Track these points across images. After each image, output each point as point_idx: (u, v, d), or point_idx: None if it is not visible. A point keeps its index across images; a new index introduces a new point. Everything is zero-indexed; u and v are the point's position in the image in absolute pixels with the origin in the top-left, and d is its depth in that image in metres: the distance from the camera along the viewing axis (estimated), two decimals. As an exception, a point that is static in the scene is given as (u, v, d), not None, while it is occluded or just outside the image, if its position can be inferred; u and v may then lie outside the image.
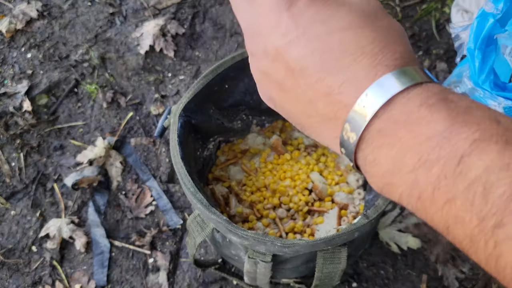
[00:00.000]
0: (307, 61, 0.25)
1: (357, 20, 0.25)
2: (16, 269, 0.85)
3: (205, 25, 1.07)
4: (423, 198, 0.22)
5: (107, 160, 0.93)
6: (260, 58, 0.28)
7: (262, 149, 0.82)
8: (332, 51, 0.25)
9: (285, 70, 0.27)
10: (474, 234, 0.21)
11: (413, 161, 0.22)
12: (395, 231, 0.82)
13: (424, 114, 0.22)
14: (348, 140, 0.25)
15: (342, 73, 0.24)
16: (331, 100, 0.25)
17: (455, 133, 0.21)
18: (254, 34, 0.28)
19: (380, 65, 0.24)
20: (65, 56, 1.06)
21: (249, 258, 0.59)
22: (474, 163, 0.21)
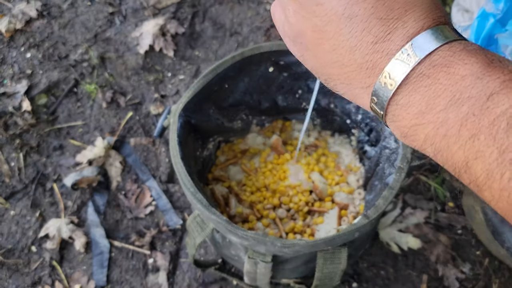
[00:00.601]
0: (357, 8, 0.26)
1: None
2: (16, 269, 0.85)
3: (205, 24, 1.07)
4: (449, 135, 0.24)
5: (106, 160, 0.93)
6: (305, 1, 0.28)
7: (262, 149, 0.82)
8: (385, 1, 0.25)
9: (330, 16, 0.26)
10: (492, 168, 0.22)
11: (446, 100, 0.24)
12: (395, 231, 0.82)
13: (462, 57, 0.24)
14: (386, 86, 0.25)
15: (392, 22, 0.25)
16: (375, 48, 0.26)
17: (488, 74, 0.23)
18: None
19: (429, 18, 0.25)
20: (65, 55, 1.06)
21: (249, 258, 0.59)
22: (501, 100, 0.22)
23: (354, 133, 0.79)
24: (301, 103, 0.79)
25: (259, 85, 0.75)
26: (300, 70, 0.72)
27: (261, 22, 1.06)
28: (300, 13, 0.28)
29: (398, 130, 0.27)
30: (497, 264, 0.80)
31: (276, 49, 0.68)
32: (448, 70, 0.24)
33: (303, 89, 0.77)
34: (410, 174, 0.88)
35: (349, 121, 0.77)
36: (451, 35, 0.25)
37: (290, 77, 0.74)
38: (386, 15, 0.25)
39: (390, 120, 0.27)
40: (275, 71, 0.73)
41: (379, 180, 0.66)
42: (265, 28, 1.05)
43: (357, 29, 0.26)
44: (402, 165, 0.59)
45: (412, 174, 0.88)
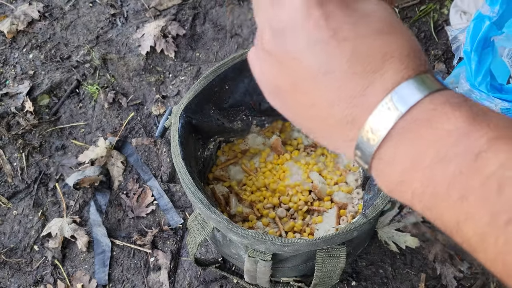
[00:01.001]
0: (333, 64, 0.25)
1: (385, 26, 0.25)
2: (18, 268, 0.86)
3: (206, 26, 1.08)
4: (437, 195, 0.23)
5: (108, 160, 0.93)
6: (276, 56, 0.27)
7: (262, 149, 0.82)
8: (362, 55, 0.24)
9: (306, 73, 0.26)
10: (485, 231, 0.21)
11: (431, 156, 0.23)
12: (393, 230, 0.82)
13: (446, 111, 0.23)
14: (368, 141, 0.25)
15: (368, 76, 0.24)
16: (354, 103, 0.25)
17: (475, 130, 0.22)
18: (276, 32, 0.26)
19: (407, 68, 0.24)
20: (67, 56, 1.06)
21: (249, 257, 0.59)
22: (490, 159, 0.21)
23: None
24: (301, 104, 0.80)
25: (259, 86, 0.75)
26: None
27: (261, 23, 1.07)
28: (277, 68, 0.27)
29: (384, 186, 0.26)
30: (494, 263, 0.81)
31: (276, 50, 0.69)
32: (431, 125, 0.23)
33: (302, 90, 0.77)
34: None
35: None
36: (433, 85, 0.24)
37: (289, 78, 0.75)
38: (363, 69, 0.24)
39: (376, 175, 0.26)
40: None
41: (378, 180, 0.67)
42: (265, 30, 1.05)
43: (334, 84, 0.25)
44: (400, 165, 0.60)
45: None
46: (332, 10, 0.25)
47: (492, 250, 0.21)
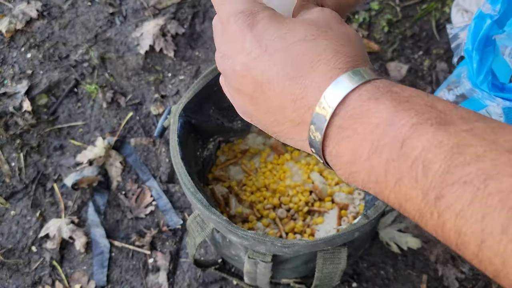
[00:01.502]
0: (271, 73, 0.28)
1: (311, 32, 0.29)
2: (16, 269, 0.85)
3: (205, 25, 1.07)
4: (379, 181, 0.25)
5: (107, 160, 0.93)
6: (231, 76, 0.31)
7: (262, 149, 0.82)
8: (292, 61, 0.28)
9: (254, 84, 0.30)
10: (421, 208, 0.24)
11: (367, 149, 0.25)
12: (395, 231, 0.82)
13: (371, 106, 0.25)
14: (315, 139, 0.28)
15: (302, 79, 0.28)
16: (297, 105, 0.28)
17: (397, 119, 0.24)
18: (224, 56, 0.31)
19: (334, 68, 0.27)
20: (65, 56, 1.06)
21: (249, 258, 0.59)
22: (414, 144, 0.23)
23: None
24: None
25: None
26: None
27: (261, 22, 1.06)
28: (233, 87, 0.31)
29: (341, 176, 0.29)
30: (496, 264, 0.81)
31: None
32: (362, 120, 0.26)
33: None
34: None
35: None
36: (361, 78, 0.26)
37: (290, 78, 0.75)
38: (296, 74, 0.28)
39: (332, 167, 0.29)
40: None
41: (379, 180, 0.66)
42: (265, 29, 1.05)
43: (277, 90, 0.28)
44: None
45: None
46: (262, 29, 0.29)
47: (430, 223, 0.24)
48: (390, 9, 1.05)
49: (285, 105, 0.29)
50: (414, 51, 1.01)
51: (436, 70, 0.99)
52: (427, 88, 0.96)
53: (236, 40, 0.30)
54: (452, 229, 0.22)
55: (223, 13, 0.31)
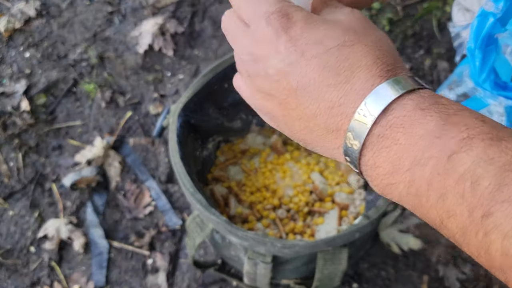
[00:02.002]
0: (308, 79, 0.27)
1: (350, 37, 0.28)
2: (15, 269, 0.85)
3: (205, 23, 1.07)
4: (419, 195, 0.24)
5: (105, 160, 0.92)
6: (261, 80, 0.30)
7: (262, 149, 0.82)
8: (331, 68, 0.27)
9: (287, 90, 0.29)
10: (466, 226, 0.23)
11: (409, 160, 0.24)
12: (396, 231, 0.82)
13: (417, 117, 0.25)
14: (352, 147, 0.27)
15: (341, 86, 0.27)
16: (333, 112, 0.27)
17: (446, 132, 0.23)
18: (255, 59, 0.30)
19: (375, 76, 0.26)
20: (64, 55, 1.05)
21: (249, 259, 0.59)
22: (462, 159, 0.23)
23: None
24: (301, 102, 0.79)
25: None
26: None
27: (261, 21, 1.06)
28: (262, 90, 0.30)
29: (375, 188, 0.28)
30: (498, 265, 0.80)
31: (276, 48, 0.68)
32: (405, 130, 0.25)
33: (303, 88, 0.77)
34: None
35: (350, 120, 0.77)
36: (404, 86, 0.26)
37: (290, 77, 0.74)
38: (335, 81, 0.27)
39: (367, 177, 0.28)
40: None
41: (380, 180, 0.66)
42: (265, 28, 1.05)
43: (312, 97, 0.28)
44: (403, 165, 0.59)
45: (412, 174, 0.87)
46: (298, 32, 0.28)
47: (474, 243, 0.23)
48: (391, 8, 1.05)
49: (319, 112, 0.28)
50: (415, 50, 1.00)
51: (437, 69, 0.98)
52: (428, 88, 0.95)
53: (269, 42, 0.29)
54: (499, 250, 0.21)
55: (251, 13, 0.30)
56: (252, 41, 0.30)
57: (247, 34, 0.30)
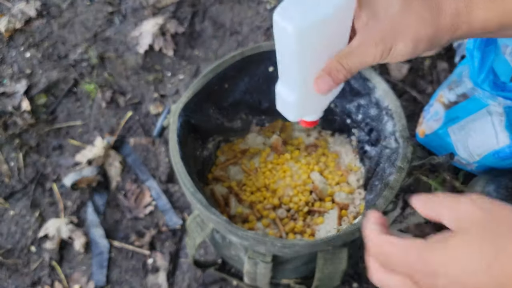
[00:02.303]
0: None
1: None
2: (15, 269, 0.85)
3: (205, 24, 1.07)
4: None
5: (106, 160, 0.93)
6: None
7: (262, 149, 0.82)
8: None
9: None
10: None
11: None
12: (396, 231, 0.82)
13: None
14: None
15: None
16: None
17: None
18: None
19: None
20: (64, 55, 1.05)
21: (249, 258, 0.59)
22: None
23: (354, 133, 0.79)
24: (301, 102, 0.79)
25: (259, 84, 0.75)
26: (300, 69, 0.72)
27: (261, 21, 1.06)
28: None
29: None
30: (497, 264, 0.80)
31: (276, 48, 0.68)
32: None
33: (303, 88, 0.77)
34: (411, 174, 0.88)
35: (350, 121, 0.77)
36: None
37: (290, 77, 0.74)
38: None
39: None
40: (275, 70, 0.73)
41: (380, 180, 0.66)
42: (265, 28, 1.05)
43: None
44: (403, 165, 0.59)
45: (412, 174, 0.88)
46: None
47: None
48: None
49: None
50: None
51: (437, 70, 0.98)
52: (428, 88, 0.96)
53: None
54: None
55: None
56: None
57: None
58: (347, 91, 0.72)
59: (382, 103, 0.65)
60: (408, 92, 0.94)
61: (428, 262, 0.31)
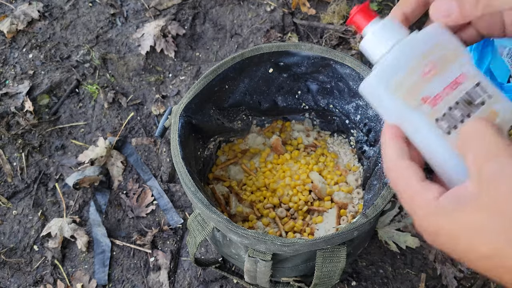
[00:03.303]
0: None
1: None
2: (18, 268, 0.86)
3: (206, 26, 1.08)
4: None
5: (108, 160, 0.93)
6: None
7: (262, 149, 0.82)
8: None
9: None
10: None
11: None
12: (394, 230, 0.82)
13: None
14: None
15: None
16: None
17: None
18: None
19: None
20: (66, 56, 1.06)
21: (249, 257, 0.59)
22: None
23: (353, 133, 0.79)
24: (301, 103, 0.80)
25: (259, 85, 0.75)
26: (300, 71, 0.73)
27: (261, 23, 1.07)
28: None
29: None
30: (494, 263, 0.81)
31: (276, 50, 0.69)
32: None
33: (302, 89, 0.78)
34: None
35: (348, 121, 0.78)
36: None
37: (289, 78, 0.75)
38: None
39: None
40: (275, 72, 0.73)
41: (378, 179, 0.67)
42: (265, 30, 1.06)
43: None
44: (400, 164, 0.60)
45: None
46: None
47: None
48: (389, 10, 1.05)
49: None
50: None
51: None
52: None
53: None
54: None
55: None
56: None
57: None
58: (346, 92, 0.73)
59: (380, 104, 0.66)
60: (406, 93, 0.95)
61: (434, 225, 0.29)
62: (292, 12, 1.08)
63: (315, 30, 1.05)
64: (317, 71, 0.72)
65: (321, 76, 0.73)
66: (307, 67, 0.71)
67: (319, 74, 0.72)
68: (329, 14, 1.05)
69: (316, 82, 0.75)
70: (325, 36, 1.03)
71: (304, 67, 0.71)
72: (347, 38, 1.01)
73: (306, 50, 0.68)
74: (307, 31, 1.05)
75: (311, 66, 0.71)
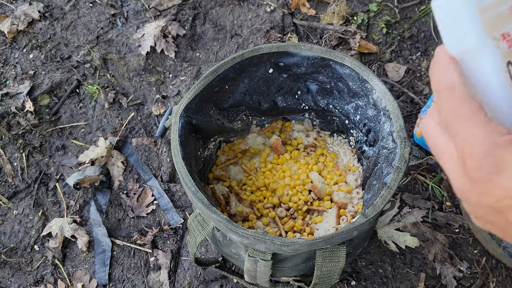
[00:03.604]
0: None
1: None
2: (18, 268, 0.86)
3: (206, 26, 1.08)
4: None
5: (108, 160, 0.93)
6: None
7: (262, 149, 0.83)
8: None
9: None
10: None
11: None
12: (393, 230, 0.83)
13: None
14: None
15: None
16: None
17: None
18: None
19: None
20: (67, 57, 1.06)
21: (249, 256, 0.60)
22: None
23: (352, 134, 0.80)
24: (301, 104, 0.80)
25: (259, 86, 0.76)
26: (299, 71, 0.73)
27: (261, 24, 1.07)
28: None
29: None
30: (494, 263, 0.81)
31: (276, 50, 0.69)
32: None
33: (302, 90, 0.78)
34: (408, 174, 0.89)
35: (348, 121, 0.78)
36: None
37: (289, 78, 0.75)
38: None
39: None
40: (275, 72, 0.74)
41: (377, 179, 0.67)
42: (265, 30, 1.06)
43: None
44: (400, 164, 0.60)
45: (410, 174, 0.89)
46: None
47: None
48: (388, 11, 1.06)
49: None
50: (412, 52, 1.01)
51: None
52: (425, 89, 0.97)
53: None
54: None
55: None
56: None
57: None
58: (345, 92, 0.73)
59: (380, 104, 0.66)
60: (405, 93, 0.95)
61: (499, 159, 0.26)
62: (292, 12, 1.08)
63: (315, 30, 1.05)
64: (317, 72, 0.72)
65: (320, 77, 0.73)
66: (307, 67, 0.71)
67: (318, 74, 0.73)
68: (328, 14, 1.05)
69: (316, 83, 0.75)
70: (324, 37, 1.03)
71: (304, 68, 0.72)
72: (346, 39, 1.02)
73: (306, 51, 0.69)
74: (307, 31, 1.05)
75: (311, 67, 0.71)
